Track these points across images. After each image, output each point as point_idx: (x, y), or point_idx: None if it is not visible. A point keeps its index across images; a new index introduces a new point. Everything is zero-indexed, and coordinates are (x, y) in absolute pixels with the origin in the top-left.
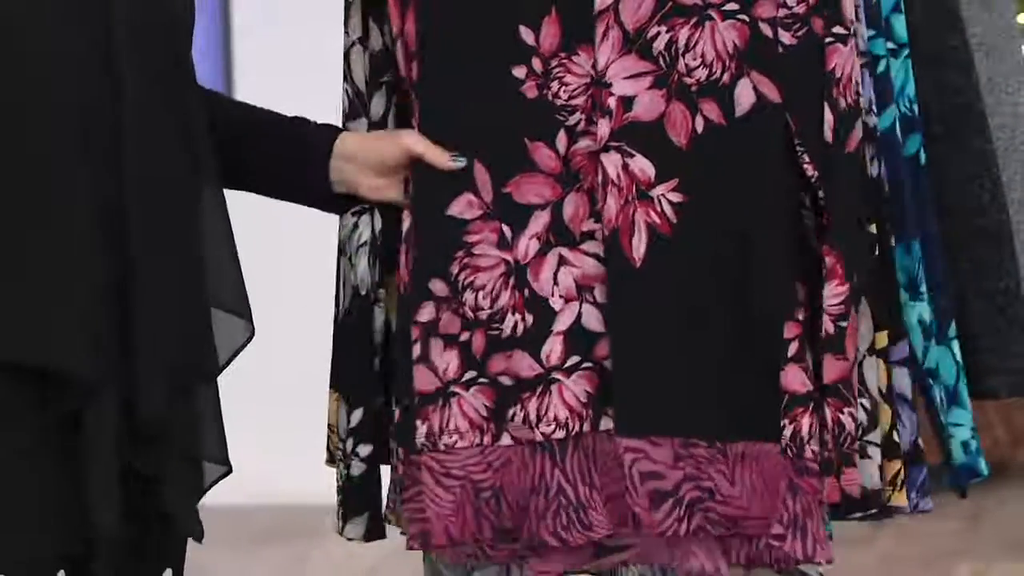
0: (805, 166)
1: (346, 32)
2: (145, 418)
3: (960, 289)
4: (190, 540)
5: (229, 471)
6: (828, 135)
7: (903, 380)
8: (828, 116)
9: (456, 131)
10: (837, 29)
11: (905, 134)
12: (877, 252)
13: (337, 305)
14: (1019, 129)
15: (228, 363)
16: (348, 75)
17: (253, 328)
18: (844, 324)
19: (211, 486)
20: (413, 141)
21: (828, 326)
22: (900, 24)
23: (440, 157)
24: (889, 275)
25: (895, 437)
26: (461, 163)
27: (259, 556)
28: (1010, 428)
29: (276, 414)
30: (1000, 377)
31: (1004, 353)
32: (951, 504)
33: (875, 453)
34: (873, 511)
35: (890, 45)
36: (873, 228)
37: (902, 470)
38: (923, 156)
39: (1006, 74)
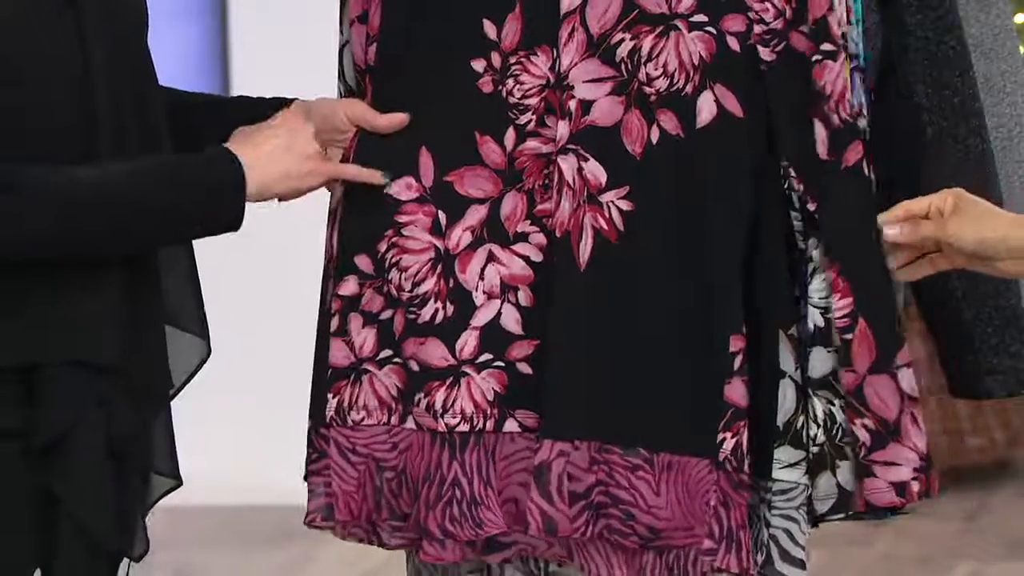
0: (791, 179)
1: (341, 32)
2: (123, 433)
3: (955, 290)
4: (189, 539)
5: (179, 484)
6: (822, 151)
7: None
8: (820, 132)
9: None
10: (825, 46)
11: None
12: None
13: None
14: (1016, 129)
15: (185, 384)
16: (341, 73)
17: (209, 347)
18: (849, 336)
19: (159, 499)
20: (355, 106)
21: (835, 338)
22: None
23: (382, 120)
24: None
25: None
26: (404, 121)
27: (260, 557)
28: (1007, 428)
29: (277, 415)
30: (997, 377)
31: (1001, 353)
32: (951, 504)
33: (851, 455)
34: (844, 513)
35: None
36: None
37: None
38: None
39: (1003, 74)
